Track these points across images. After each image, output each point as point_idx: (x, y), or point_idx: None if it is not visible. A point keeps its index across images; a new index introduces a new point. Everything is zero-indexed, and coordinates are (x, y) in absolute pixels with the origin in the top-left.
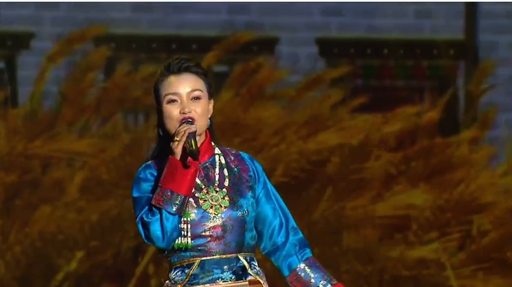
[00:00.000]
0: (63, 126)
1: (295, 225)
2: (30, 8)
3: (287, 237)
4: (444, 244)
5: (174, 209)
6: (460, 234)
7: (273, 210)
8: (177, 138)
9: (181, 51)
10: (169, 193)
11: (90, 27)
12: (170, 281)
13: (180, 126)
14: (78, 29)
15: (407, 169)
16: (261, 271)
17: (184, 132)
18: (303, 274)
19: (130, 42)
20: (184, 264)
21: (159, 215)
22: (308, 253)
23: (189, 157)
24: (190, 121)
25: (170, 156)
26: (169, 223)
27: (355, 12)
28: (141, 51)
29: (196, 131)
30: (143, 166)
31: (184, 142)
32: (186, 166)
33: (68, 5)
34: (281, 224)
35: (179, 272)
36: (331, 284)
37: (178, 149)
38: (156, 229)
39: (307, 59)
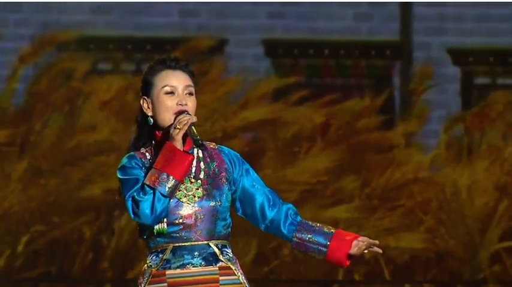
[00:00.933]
0: (36, 120)
1: (281, 200)
2: None
3: (278, 208)
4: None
5: (167, 191)
6: (389, 219)
7: (257, 191)
8: (179, 127)
9: (136, 51)
10: (165, 176)
11: (60, 32)
12: (147, 265)
13: (180, 115)
14: (42, 31)
15: (331, 154)
16: (234, 257)
17: (187, 122)
18: (302, 235)
19: (89, 43)
20: (159, 249)
21: (151, 195)
22: (299, 217)
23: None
24: (188, 112)
25: (168, 142)
26: (160, 203)
27: (298, 15)
28: (99, 51)
29: (196, 122)
30: (127, 156)
31: (186, 131)
32: (186, 153)
33: (30, 6)
34: (268, 200)
35: (154, 257)
36: (330, 237)
37: (179, 137)
38: (145, 207)
39: (254, 59)
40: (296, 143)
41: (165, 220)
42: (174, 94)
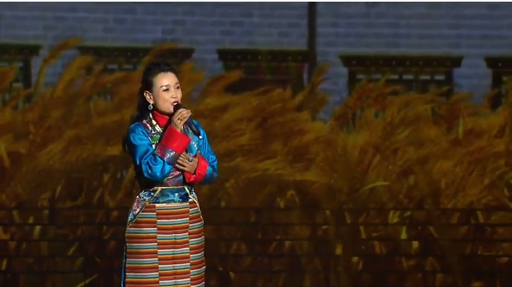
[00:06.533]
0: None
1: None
2: (39, 29)
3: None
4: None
5: (170, 161)
6: (302, 166)
7: (205, 154)
8: (181, 118)
9: (133, 57)
10: (170, 151)
11: (69, 40)
12: (140, 197)
13: (180, 109)
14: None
15: (263, 126)
16: (196, 196)
17: (187, 116)
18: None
19: (101, 51)
20: (151, 189)
21: (161, 163)
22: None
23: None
24: (183, 106)
25: (171, 127)
26: (167, 168)
27: (241, 33)
28: (107, 57)
29: (190, 115)
30: (135, 124)
31: (185, 122)
32: (185, 135)
33: (63, 27)
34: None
35: (147, 193)
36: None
37: (181, 125)
38: (157, 170)
39: (211, 62)
40: (240, 122)
41: None
42: (168, 90)
